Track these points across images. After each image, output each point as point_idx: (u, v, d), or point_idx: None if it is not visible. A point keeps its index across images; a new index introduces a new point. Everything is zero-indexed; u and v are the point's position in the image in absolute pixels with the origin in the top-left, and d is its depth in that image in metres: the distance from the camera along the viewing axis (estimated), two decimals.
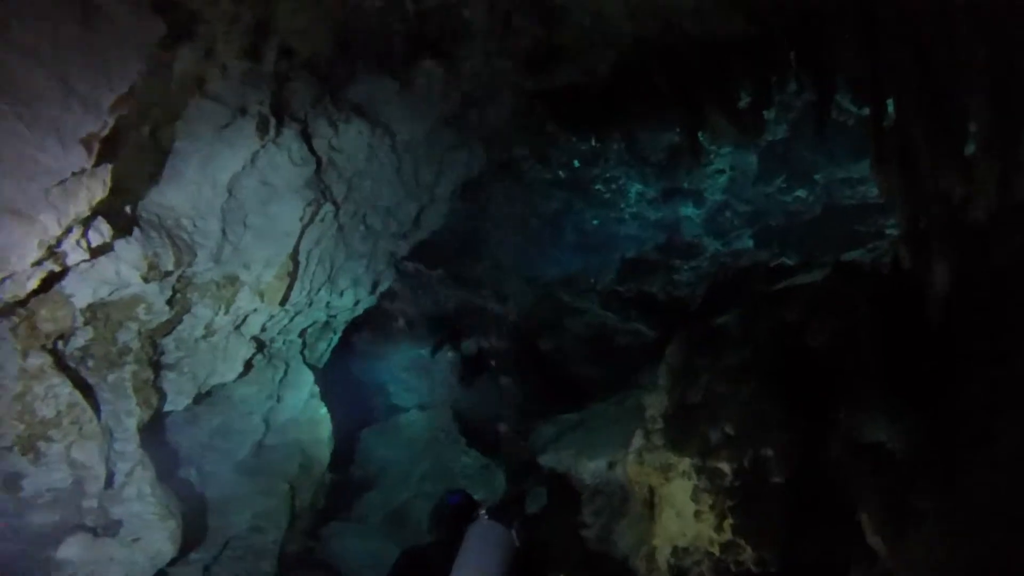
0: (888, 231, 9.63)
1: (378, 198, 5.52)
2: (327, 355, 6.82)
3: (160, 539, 3.99)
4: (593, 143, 12.29)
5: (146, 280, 3.58)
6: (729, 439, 4.57)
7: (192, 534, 5.05)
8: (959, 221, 5.53)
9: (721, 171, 12.28)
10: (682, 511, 4.63)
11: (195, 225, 3.97)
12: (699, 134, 11.23)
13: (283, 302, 4.79)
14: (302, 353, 6.16)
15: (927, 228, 5.87)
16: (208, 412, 5.29)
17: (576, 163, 12.67)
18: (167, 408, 4.58)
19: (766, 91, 5.92)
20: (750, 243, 11.88)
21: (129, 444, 3.97)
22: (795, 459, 4.51)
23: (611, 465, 5.52)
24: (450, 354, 8.96)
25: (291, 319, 5.42)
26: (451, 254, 10.94)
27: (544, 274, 12.04)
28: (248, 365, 5.18)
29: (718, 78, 5.63)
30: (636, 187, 13.08)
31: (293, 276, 4.79)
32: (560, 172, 12.78)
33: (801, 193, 11.56)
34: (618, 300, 10.73)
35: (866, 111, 10.05)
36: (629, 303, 10.65)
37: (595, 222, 13.45)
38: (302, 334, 5.88)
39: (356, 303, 6.19)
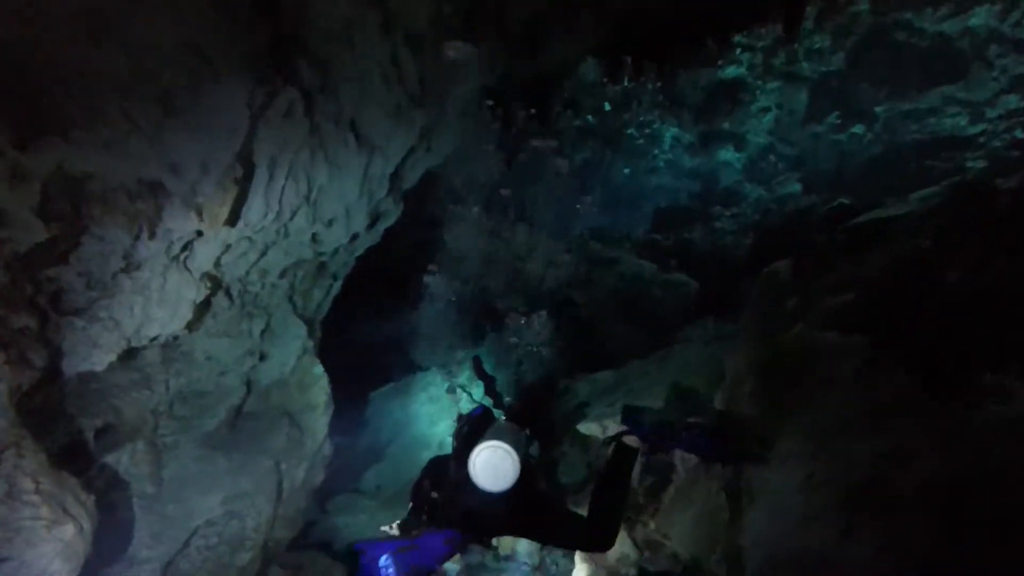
0: (970, 164, 7.67)
1: (370, 97, 3.87)
2: (326, 305, 5.28)
3: (45, 555, 2.54)
4: (626, 83, 10.44)
5: None
6: (856, 413, 2.91)
7: (136, 528, 3.63)
8: None
9: (766, 109, 10.30)
10: (784, 507, 3.02)
11: (69, 92, 2.40)
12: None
13: (232, 222, 3.21)
14: (291, 301, 4.62)
15: None
16: (163, 372, 3.81)
17: (607, 106, 10.82)
18: (80, 368, 3.08)
19: None
20: (797, 187, 9.95)
21: None
22: (949, 448, 2.86)
23: None
24: (474, 307, 7.40)
25: (261, 253, 3.85)
26: (472, 202, 9.30)
27: (572, 230, 10.36)
28: (201, 311, 3.65)
29: None
30: (672, 132, 11.17)
31: (244, 187, 3.20)
32: (590, 118, 10.94)
33: (857, 130, 9.55)
34: (655, 249, 8.99)
35: (946, 28, 7.91)
36: (667, 252, 8.89)
37: (626, 171, 11.63)
38: (285, 275, 4.33)
39: (352, 239, 4.60)
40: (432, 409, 6.39)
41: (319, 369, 4.69)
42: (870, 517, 2.55)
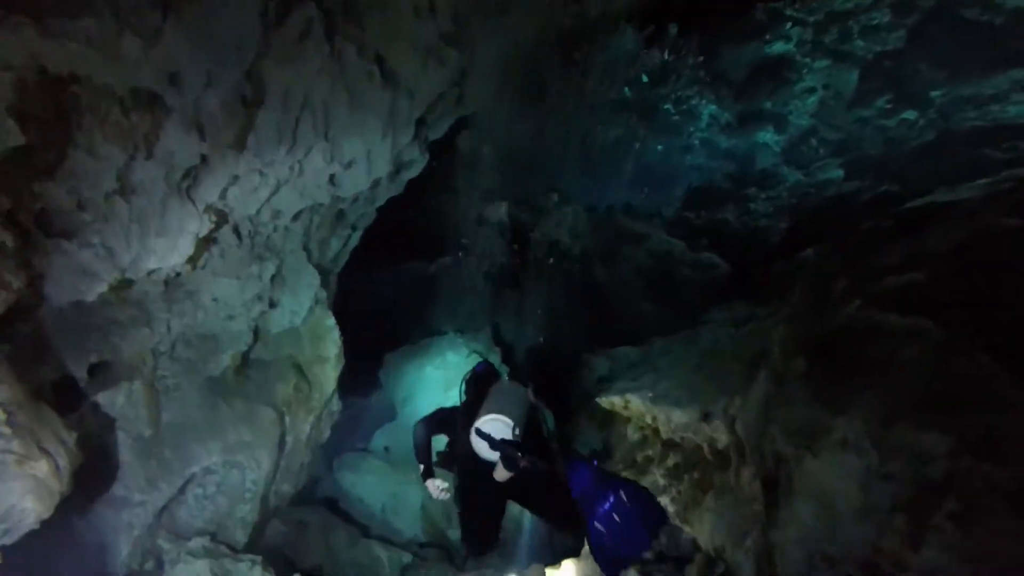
0: None
1: (398, 28, 3.45)
2: (343, 257, 4.93)
3: (13, 491, 2.25)
4: (667, 56, 9.82)
5: None
6: (929, 398, 2.47)
7: (130, 471, 3.36)
8: None
9: (811, 90, 9.59)
10: (834, 502, 2.61)
11: None
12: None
13: (239, 147, 2.85)
14: (305, 248, 4.27)
15: None
16: (165, 310, 3.50)
17: (644, 79, 10.21)
18: (69, 297, 2.77)
19: None
20: (839, 173, 9.29)
21: None
22: None
23: (706, 417, 3.51)
24: (492, 274, 7.01)
25: (273, 191, 3.48)
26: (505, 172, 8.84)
27: (601, 205, 9.88)
28: (206, 248, 3.32)
29: None
30: (710, 109, 10.50)
31: (253, 112, 2.82)
32: (626, 90, 10.36)
33: (908, 116, 8.81)
34: (685, 227, 8.46)
35: None
36: (698, 231, 8.37)
37: (659, 148, 11.03)
38: (299, 219, 3.97)
39: (374, 185, 4.21)
40: (448, 374, 6.05)
41: (331, 321, 4.36)
42: (946, 518, 2.13)
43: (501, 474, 2.92)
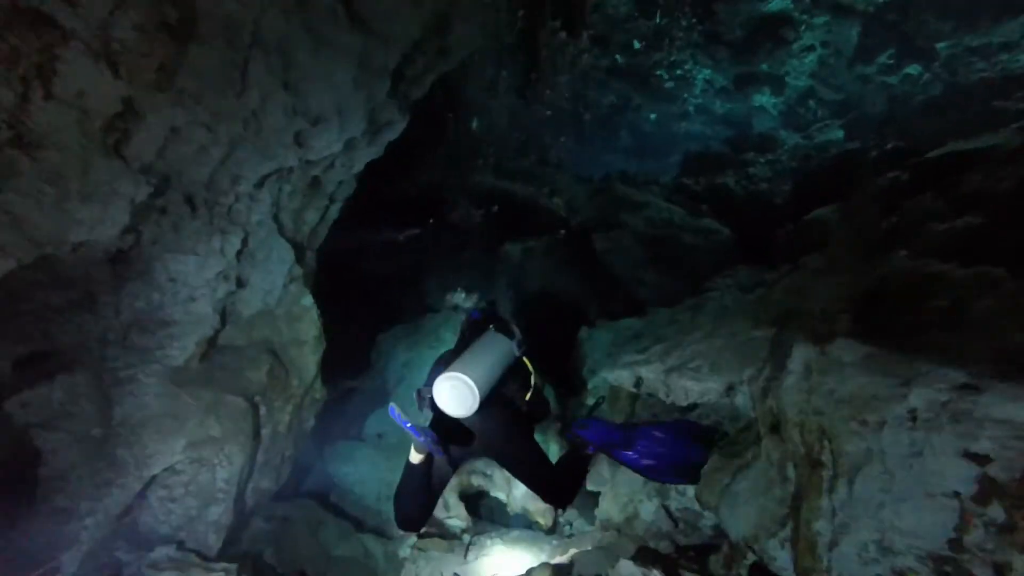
0: None
1: None
2: (322, 231, 4.36)
3: None
4: (659, 19, 9.15)
5: None
6: (1012, 368, 1.96)
7: (74, 476, 2.83)
8: None
9: (810, 48, 8.97)
10: (897, 485, 2.10)
11: None
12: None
13: (169, 87, 2.27)
14: (276, 220, 3.71)
15: None
16: (112, 292, 2.95)
17: (636, 44, 9.56)
18: None
19: None
20: (839, 134, 8.72)
21: None
22: None
23: (730, 390, 3.00)
24: (483, 247, 6.45)
25: (227, 151, 2.91)
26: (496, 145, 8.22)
27: (595, 176, 9.28)
28: (152, 218, 2.76)
29: None
30: (704, 73, 9.87)
31: (180, 39, 2.24)
32: (617, 57, 9.71)
33: (912, 71, 8.22)
34: (685, 194, 7.89)
35: None
36: (698, 197, 7.80)
37: (652, 117, 10.42)
38: (264, 185, 3.40)
39: (348, 147, 3.62)
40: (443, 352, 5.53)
41: (309, 300, 3.81)
42: None
43: (414, 456, 2.73)
